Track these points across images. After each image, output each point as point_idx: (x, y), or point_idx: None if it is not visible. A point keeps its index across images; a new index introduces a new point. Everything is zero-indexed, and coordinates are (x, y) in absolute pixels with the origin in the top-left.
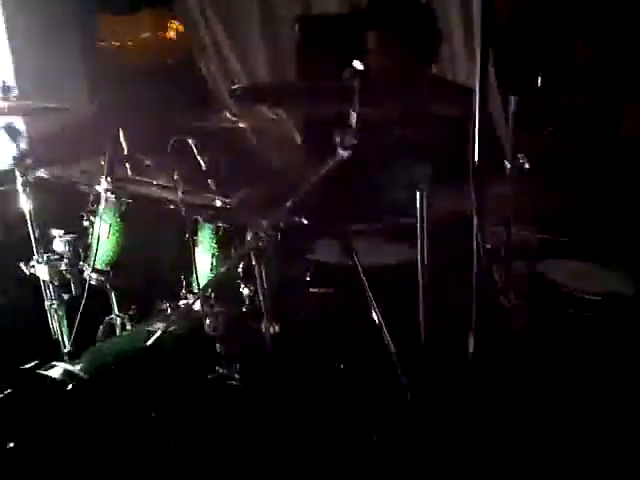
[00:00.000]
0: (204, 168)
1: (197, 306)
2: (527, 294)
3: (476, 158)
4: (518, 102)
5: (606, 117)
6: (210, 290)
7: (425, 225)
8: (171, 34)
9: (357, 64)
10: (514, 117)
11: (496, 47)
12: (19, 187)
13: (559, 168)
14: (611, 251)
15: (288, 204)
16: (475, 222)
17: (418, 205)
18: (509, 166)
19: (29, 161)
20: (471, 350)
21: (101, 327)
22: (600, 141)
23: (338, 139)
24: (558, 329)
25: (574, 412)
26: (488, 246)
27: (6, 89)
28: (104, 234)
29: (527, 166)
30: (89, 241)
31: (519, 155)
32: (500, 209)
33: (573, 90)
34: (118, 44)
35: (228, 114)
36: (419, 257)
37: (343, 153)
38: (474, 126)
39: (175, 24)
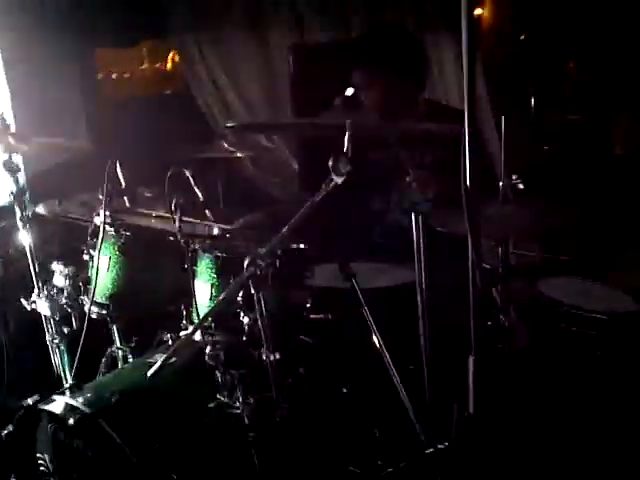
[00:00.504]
0: (201, 199)
1: (197, 336)
2: (527, 313)
3: (467, 179)
4: (510, 122)
5: (598, 133)
6: (210, 320)
7: (423, 247)
8: (169, 65)
9: (349, 92)
10: (506, 137)
11: (488, 70)
12: (18, 222)
13: (555, 186)
14: (610, 268)
15: (285, 230)
16: (470, 242)
17: (415, 228)
18: (502, 186)
19: (28, 196)
20: (472, 371)
21: (103, 360)
22: (594, 157)
23: (332, 165)
24: (560, 348)
25: (576, 430)
26: (487, 266)
27: (4, 124)
28: (103, 267)
29: (521, 186)
30: (89, 274)
31: (513, 175)
32: (498, 229)
33: (565, 109)
34: (115, 76)
35: (225, 144)
36: (417, 279)
37: (337, 179)
38: (464, 147)
39: (173, 55)
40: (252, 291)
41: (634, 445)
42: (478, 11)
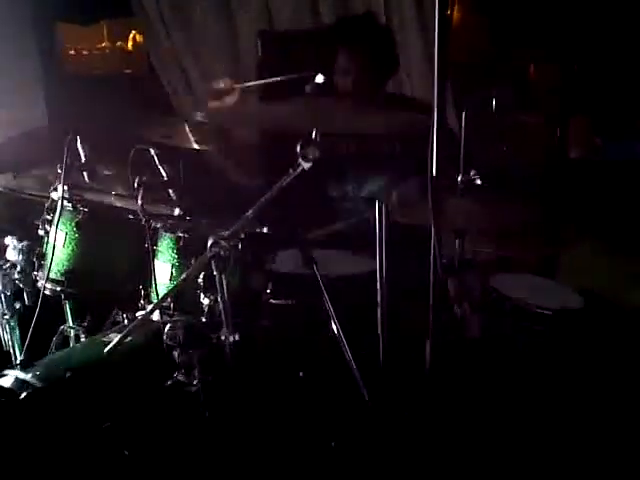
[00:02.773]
0: (165, 178)
1: (155, 316)
2: (480, 306)
3: (434, 172)
4: (471, 119)
5: (554, 135)
6: (169, 300)
7: (384, 236)
8: (129, 45)
9: (319, 78)
10: (465, 132)
11: (453, 68)
12: None
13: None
14: (559, 265)
15: (249, 213)
16: (433, 234)
17: (377, 216)
18: (461, 180)
19: None
20: (428, 357)
21: (54, 338)
22: (549, 158)
23: (300, 150)
24: (509, 341)
25: (523, 419)
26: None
27: None
28: (60, 243)
29: (478, 182)
30: (44, 250)
31: (471, 171)
32: (454, 223)
33: (525, 109)
34: (74, 53)
35: (187, 126)
36: (378, 267)
37: (305, 165)
38: (432, 140)
39: (134, 35)
40: (214, 272)
41: (579, 436)
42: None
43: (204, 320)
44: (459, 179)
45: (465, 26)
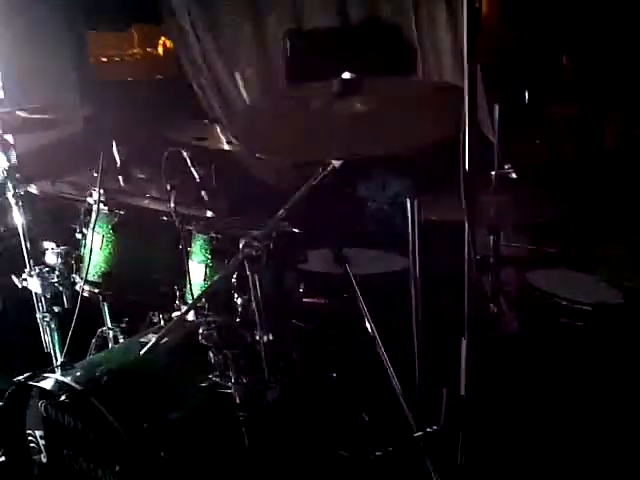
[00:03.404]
0: (197, 180)
1: (191, 316)
2: (516, 302)
3: (466, 167)
4: (504, 112)
5: (591, 127)
6: (204, 300)
7: (416, 234)
8: (160, 50)
9: (346, 75)
10: (499, 126)
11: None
12: (11, 200)
13: (547, 178)
14: (598, 260)
15: (280, 213)
16: (467, 231)
17: (409, 214)
18: (495, 175)
19: (20, 175)
20: (464, 355)
21: (93, 340)
22: (586, 151)
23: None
24: (548, 337)
25: (563, 417)
26: (477, 256)
27: None
28: (96, 246)
29: (514, 176)
30: (81, 253)
31: (506, 165)
32: (490, 218)
33: (559, 101)
34: (106, 59)
35: (218, 129)
36: (411, 266)
37: (335, 163)
38: (464, 135)
39: (164, 40)
40: (247, 272)
41: (619, 433)
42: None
43: (238, 320)
44: (493, 174)
45: (496, 19)
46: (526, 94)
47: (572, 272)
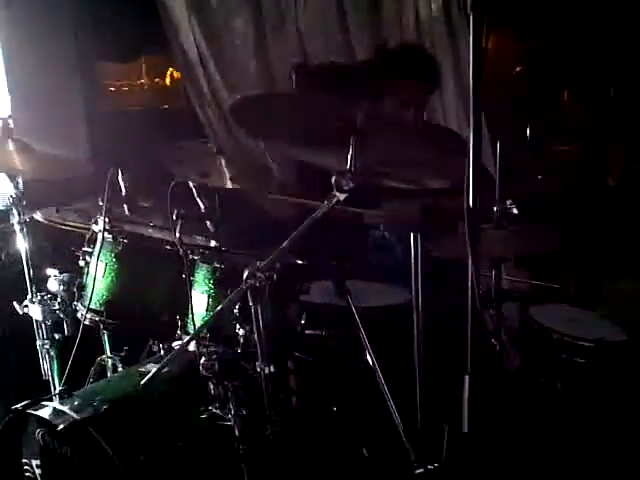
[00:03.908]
0: (203, 210)
1: (192, 346)
2: (518, 338)
3: (470, 203)
4: (507, 149)
5: (592, 163)
6: (205, 330)
7: (420, 268)
8: (167, 80)
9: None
10: (501, 162)
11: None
12: (15, 226)
13: (549, 214)
14: (600, 297)
15: (284, 245)
16: (470, 266)
17: (413, 248)
18: (496, 211)
19: (25, 202)
20: (467, 391)
21: (92, 368)
22: (588, 186)
23: (335, 181)
24: (550, 373)
25: (567, 454)
26: (481, 291)
27: (6, 129)
28: (100, 274)
29: (515, 211)
30: (84, 281)
31: (507, 201)
32: (492, 253)
33: (560, 137)
34: (114, 89)
35: (222, 159)
36: (414, 299)
37: (340, 195)
38: (468, 171)
39: (171, 71)
40: (249, 303)
41: (621, 470)
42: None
43: (239, 351)
44: (495, 209)
45: (497, 56)
46: (527, 130)
47: (575, 308)
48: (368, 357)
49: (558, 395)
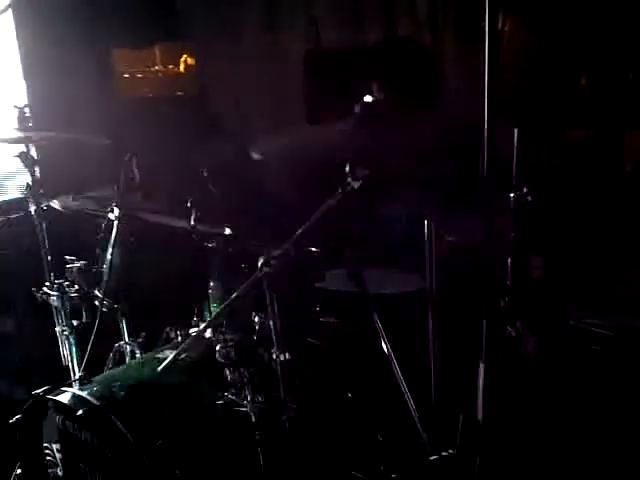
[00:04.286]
0: (218, 197)
1: (208, 334)
2: (534, 325)
3: (485, 188)
4: (522, 136)
5: (609, 149)
6: (221, 318)
7: (434, 255)
8: (181, 67)
9: (368, 98)
10: (517, 149)
11: (502, 84)
12: (33, 214)
13: (565, 201)
14: (618, 284)
15: (299, 232)
16: (485, 253)
17: (426, 235)
18: (513, 198)
19: (43, 189)
20: (482, 379)
21: (110, 354)
22: (605, 173)
23: (349, 169)
24: (566, 360)
25: (583, 442)
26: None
27: (23, 118)
28: (116, 261)
29: (530, 198)
30: (101, 268)
31: (523, 188)
32: (505, 240)
33: (577, 123)
34: (128, 76)
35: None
36: (428, 287)
37: (354, 183)
38: (483, 157)
39: (185, 57)
40: (264, 291)
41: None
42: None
43: (255, 338)
44: (511, 196)
45: (513, 40)
46: (545, 115)
47: (591, 296)
48: (383, 344)
49: (575, 382)
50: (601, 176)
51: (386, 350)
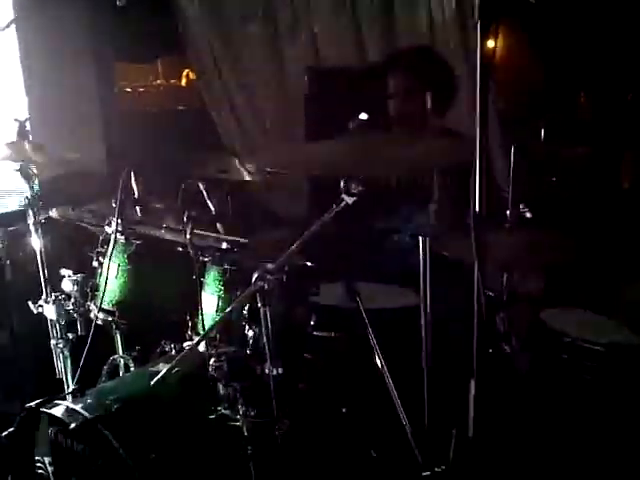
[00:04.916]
0: (213, 212)
1: (202, 347)
2: (529, 342)
3: (476, 206)
4: (519, 152)
5: (606, 166)
6: (215, 331)
7: (428, 270)
8: (183, 81)
9: (363, 116)
10: (514, 166)
11: (501, 101)
12: (31, 227)
13: (562, 217)
14: (612, 300)
15: (294, 247)
16: (476, 268)
17: (421, 251)
18: (509, 214)
19: (41, 202)
20: (473, 395)
21: (105, 367)
22: (601, 190)
23: (343, 185)
24: (560, 377)
25: (575, 459)
26: (490, 293)
27: (23, 132)
28: (112, 274)
29: (528, 215)
30: (97, 281)
31: (521, 204)
32: (502, 257)
33: (575, 140)
34: (130, 90)
35: (237, 161)
36: (422, 302)
37: (348, 199)
38: (474, 174)
39: (187, 72)
40: (258, 305)
41: (630, 473)
42: (491, 43)
43: (249, 352)
44: (508, 213)
45: (513, 57)
46: (542, 132)
47: (588, 313)
48: (377, 359)
49: (568, 399)
50: (598, 193)
51: (380, 365)
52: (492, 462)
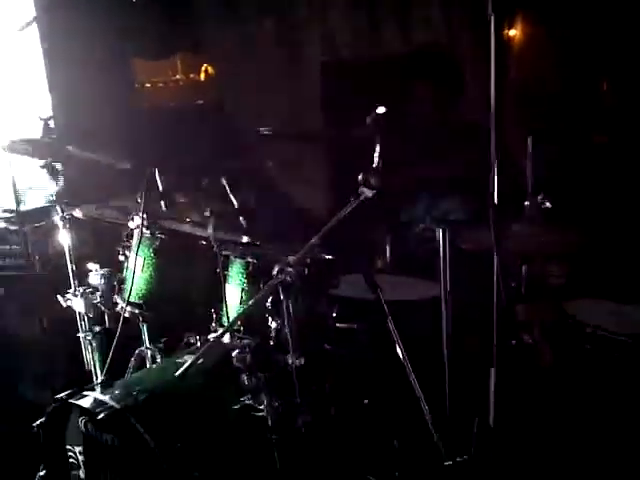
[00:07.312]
0: (236, 206)
1: (226, 339)
2: (552, 332)
3: (495, 196)
4: (538, 143)
5: (628, 154)
6: (239, 323)
7: (448, 262)
8: (202, 76)
9: (381, 110)
10: (532, 157)
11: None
12: (58, 222)
13: (583, 207)
14: (637, 290)
15: (314, 240)
16: (495, 259)
17: (441, 242)
18: (529, 205)
19: (67, 199)
20: (493, 386)
21: (132, 359)
22: (625, 180)
23: (362, 179)
24: (584, 368)
25: (598, 450)
26: (513, 284)
27: (47, 129)
28: (138, 268)
29: (548, 205)
30: (124, 275)
31: (539, 195)
32: (524, 247)
33: (598, 129)
34: (150, 85)
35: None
36: (442, 293)
37: (367, 192)
38: (493, 165)
39: (206, 67)
40: (281, 297)
41: None
42: (512, 32)
43: (271, 344)
44: (527, 203)
45: (532, 46)
46: (560, 121)
47: (613, 303)
48: (398, 350)
49: (591, 390)
50: (622, 181)
51: (401, 356)
52: (514, 451)
